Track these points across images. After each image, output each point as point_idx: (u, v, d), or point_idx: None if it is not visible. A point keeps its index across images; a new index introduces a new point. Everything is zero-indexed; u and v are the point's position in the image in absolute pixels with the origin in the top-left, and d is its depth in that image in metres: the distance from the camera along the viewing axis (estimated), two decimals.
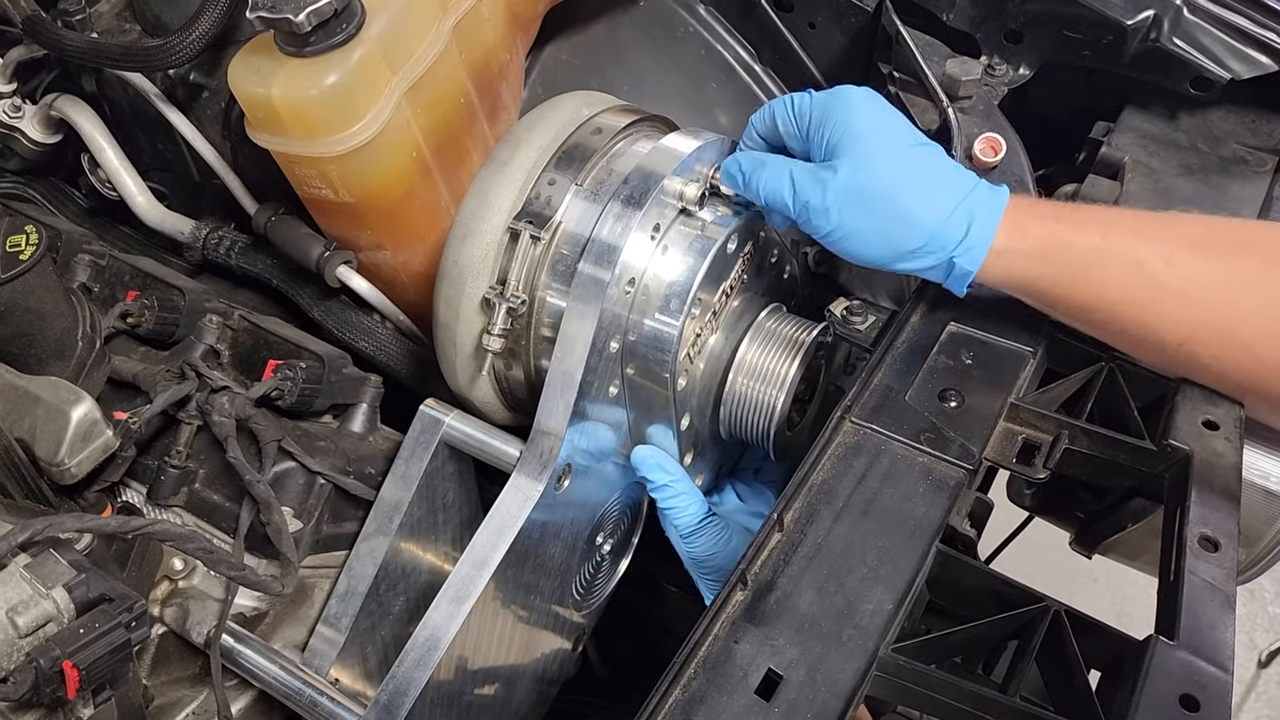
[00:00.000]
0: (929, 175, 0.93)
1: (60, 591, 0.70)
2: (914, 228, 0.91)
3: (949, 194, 0.92)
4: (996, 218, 0.91)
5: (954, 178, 0.93)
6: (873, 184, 0.92)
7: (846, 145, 0.93)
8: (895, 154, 0.92)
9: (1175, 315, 0.87)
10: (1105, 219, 0.91)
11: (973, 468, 0.89)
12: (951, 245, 0.91)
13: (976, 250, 0.91)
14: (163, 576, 0.96)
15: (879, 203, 0.91)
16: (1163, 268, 0.87)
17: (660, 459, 1.04)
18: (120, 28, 1.21)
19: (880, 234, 0.92)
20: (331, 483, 1.00)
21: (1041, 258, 0.90)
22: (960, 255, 0.91)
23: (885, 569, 0.82)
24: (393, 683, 0.90)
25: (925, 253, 0.92)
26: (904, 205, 0.91)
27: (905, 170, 0.92)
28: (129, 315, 1.07)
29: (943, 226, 0.91)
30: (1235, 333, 0.86)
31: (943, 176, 0.93)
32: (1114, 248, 0.88)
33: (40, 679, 0.66)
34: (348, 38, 0.95)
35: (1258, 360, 0.86)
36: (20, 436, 0.88)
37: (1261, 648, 3.00)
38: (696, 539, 1.05)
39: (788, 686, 0.75)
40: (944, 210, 0.91)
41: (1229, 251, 0.87)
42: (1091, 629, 0.81)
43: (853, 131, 0.93)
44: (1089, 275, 0.89)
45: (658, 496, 1.04)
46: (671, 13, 1.44)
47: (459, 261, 0.99)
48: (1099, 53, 1.22)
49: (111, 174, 1.24)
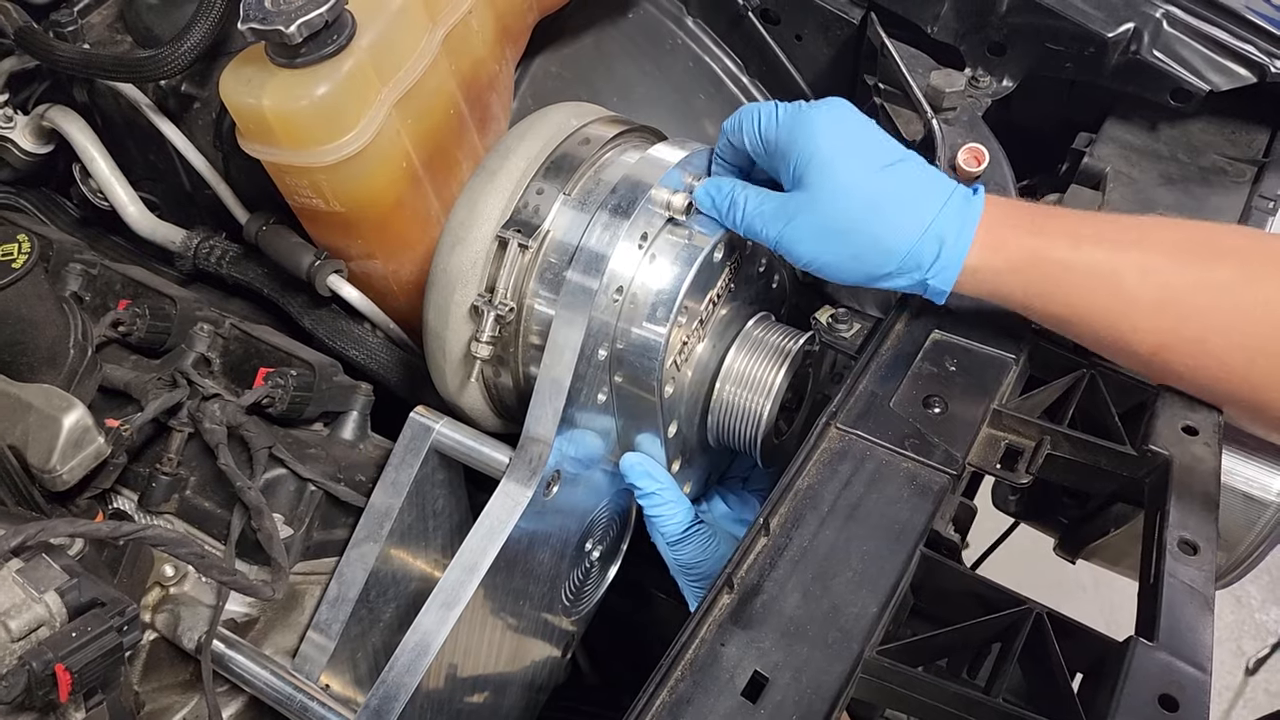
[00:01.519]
0: (897, 198, 0.92)
1: (53, 595, 0.70)
2: (885, 254, 0.92)
3: (919, 215, 0.91)
4: (969, 236, 0.91)
5: (924, 197, 0.92)
6: (840, 217, 0.92)
7: (812, 177, 0.92)
8: (859, 183, 0.92)
9: (1147, 326, 0.88)
10: (1079, 230, 0.91)
11: (956, 473, 0.90)
12: (925, 267, 0.92)
13: (949, 270, 0.91)
14: (154, 583, 0.96)
15: (848, 234, 0.92)
16: (1136, 280, 0.87)
17: (648, 466, 1.05)
18: (112, 39, 1.22)
19: (853, 260, 0.93)
20: (322, 489, 1.01)
21: (1015, 271, 0.91)
22: (933, 276, 0.92)
23: (870, 573, 0.83)
24: (383, 688, 0.91)
25: (899, 275, 0.93)
26: (873, 233, 0.92)
27: (871, 198, 0.92)
28: (120, 324, 1.08)
29: (914, 250, 0.91)
30: (1206, 343, 0.87)
31: (912, 197, 0.92)
32: (1086, 261, 0.89)
33: (33, 681, 0.67)
34: (338, 49, 0.96)
35: (1228, 369, 0.87)
36: (12, 443, 0.88)
37: (1249, 655, 3.02)
38: (683, 546, 1.06)
39: (774, 688, 0.76)
40: (914, 234, 0.91)
41: (1205, 258, 0.88)
42: (1073, 631, 0.82)
43: (817, 162, 0.92)
44: (1062, 289, 0.90)
45: (645, 504, 1.05)
46: (660, 25, 1.46)
47: (448, 269, 1.00)
48: (1081, 65, 1.24)
49: (103, 184, 1.25)
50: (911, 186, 0.94)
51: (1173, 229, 0.93)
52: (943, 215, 0.91)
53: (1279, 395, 0.88)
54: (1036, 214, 0.94)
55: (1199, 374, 0.89)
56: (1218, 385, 0.89)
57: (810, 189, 0.93)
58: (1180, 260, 0.88)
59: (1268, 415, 0.89)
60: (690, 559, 1.06)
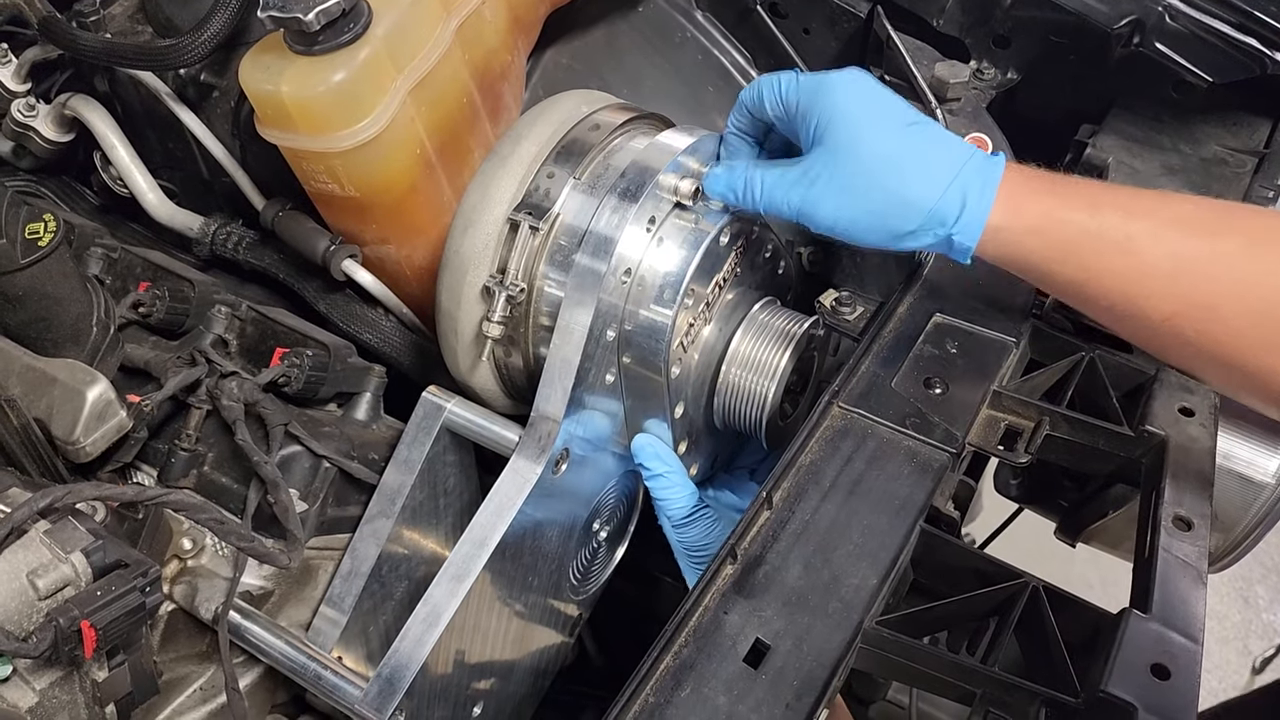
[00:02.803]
0: (920, 155, 0.93)
1: (78, 556, 0.73)
2: (909, 210, 0.92)
3: (941, 172, 0.92)
4: (991, 193, 0.91)
5: (946, 155, 0.93)
6: (863, 173, 0.92)
7: (834, 135, 0.93)
8: (882, 139, 0.93)
9: (1161, 293, 0.89)
10: (1097, 196, 0.92)
11: (956, 451, 0.92)
12: (949, 223, 0.92)
13: (973, 226, 0.92)
14: (172, 555, 0.99)
15: (870, 191, 0.92)
16: (1149, 246, 0.88)
17: (658, 448, 1.07)
18: (133, 29, 1.25)
19: (877, 219, 0.93)
20: (336, 466, 1.03)
21: (1035, 233, 0.91)
22: (958, 232, 0.92)
23: (870, 546, 0.85)
24: (394, 658, 0.93)
25: (923, 233, 0.93)
26: (896, 190, 0.92)
27: (894, 154, 0.93)
28: (140, 305, 1.10)
29: (937, 206, 0.91)
30: (1217, 309, 0.87)
31: (934, 155, 0.93)
32: (1103, 226, 0.90)
33: (59, 637, 0.69)
34: (354, 37, 0.98)
35: (1237, 336, 0.87)
36: (38, 416, 0.91)
37: (1256, 654, 3.03)
38: (688, 529, 1.08)
39: (775, 655, 0.78)
40: (937, 189, 0.91)
41: (1214, 231, 0.89)
42: (1068, 603, 0.84)
43: (839, 119, 0.93)
44: (1079, 252, 0.90)
45: (652, 485, 1.07)
46: (669, 18, 1.48)
47: (460, 251, 1.02)
48: (1084, 57, 1.26)
49: (123, 171, 1.28)
50: (934, 144, 0.94)
51: (1186, 202, 0.95)
52: (966, 171, 0.92)
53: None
54: (1055, 179, 0.94)
55: (1205, 340, 0.89)
56: (1224, 352, 0.89)
57: (832, 148, 0.93)
58: (1192, 231, 0.89)
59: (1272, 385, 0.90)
60: (694, 541, 1.08)
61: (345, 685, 0.93)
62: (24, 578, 0.72)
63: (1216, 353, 0.90)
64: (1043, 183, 0.94)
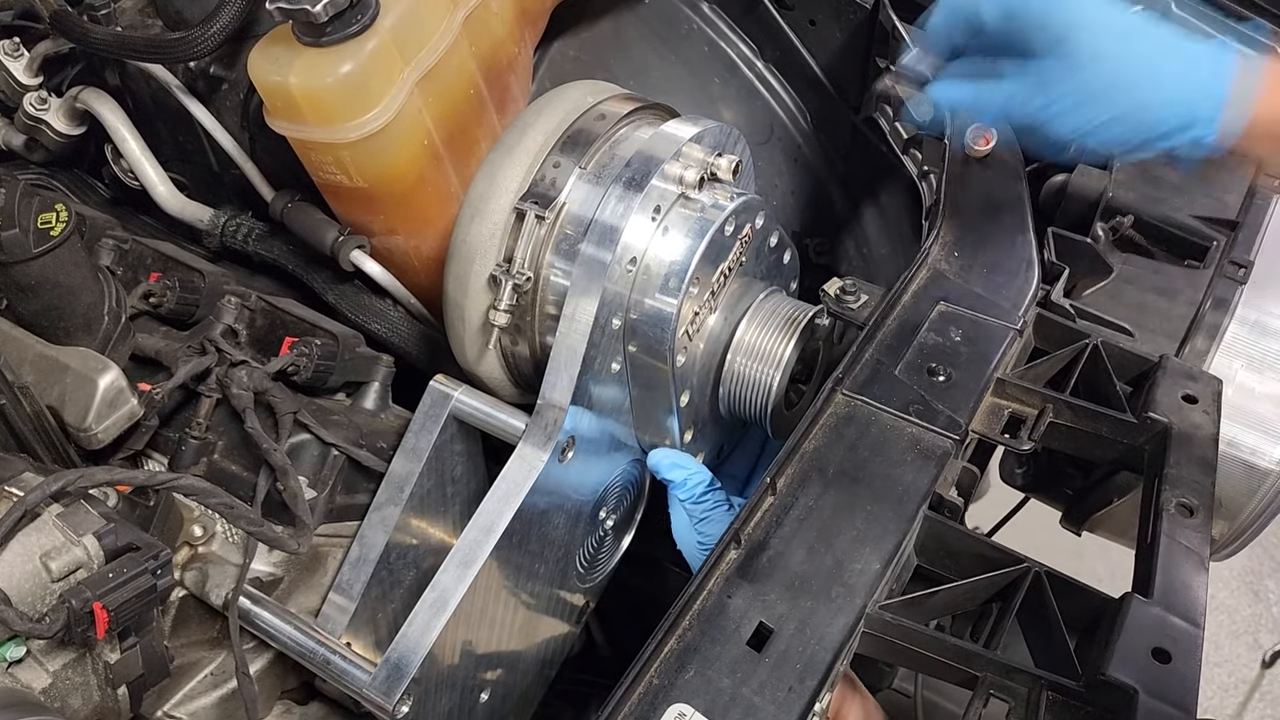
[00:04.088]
0: (1176, 56, 0.90)
1: (90, 539, 0.74)
2: (1163, 113, 0.89)
3: (1198, 74, 0.89)
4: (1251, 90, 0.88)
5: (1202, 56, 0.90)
6: (1116, 76, 0.90)
7: (1078, 36, 0.90)
8: (1136, 38, 0.90)
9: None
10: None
11: (959, 438, 0.92)
12: (1206, 128, 0.89)
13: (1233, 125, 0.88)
14: (183, 542, 1.00)
15: (1123, 94, 0.90)
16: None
17: (676, 458, 1.08)
18: (143, 22, 1.26)
19: (1124, 124, 0.90)
20: (345, 454, 1.04)
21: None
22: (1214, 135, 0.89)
23: (873, 531, 0.86)
24: (402, 642, 0.94)
25: (1175, 134, 0.90)
26: (1151, 93, 0.89)
27: (1151, 55, 0.90)
28: (151, 295, 1.12)
29: (1195, 110, 0.88)
30: None
31: (1191, 55, 0.90)
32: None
33: (72, 618, 0.70)
34: (362, 29, 0.99)
35: None
36: (50, 403, 0.92)
37: (1266, 648, 3.02)
38: (707, 522, 1.09)
39: (778, 639, 0.79)
40: (1195, 90, 0.89)
41: None
42: (1071, 589, 0.84)
43: (1084, 20, 0.90)
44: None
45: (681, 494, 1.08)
46: (676, 10, 1.49)
47: (468, 240, 1.03)
48: None
49: (134, 164, 1.29)
50: (1188, 46, 0.92)
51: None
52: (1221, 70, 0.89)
53: None
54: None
55: None
56: None
57: (1074, 52, 0.90)
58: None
59: None
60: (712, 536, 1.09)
61: (354, 670, 0.94)
62: (37, 560, 0.73)
63: None
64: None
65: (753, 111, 1.51)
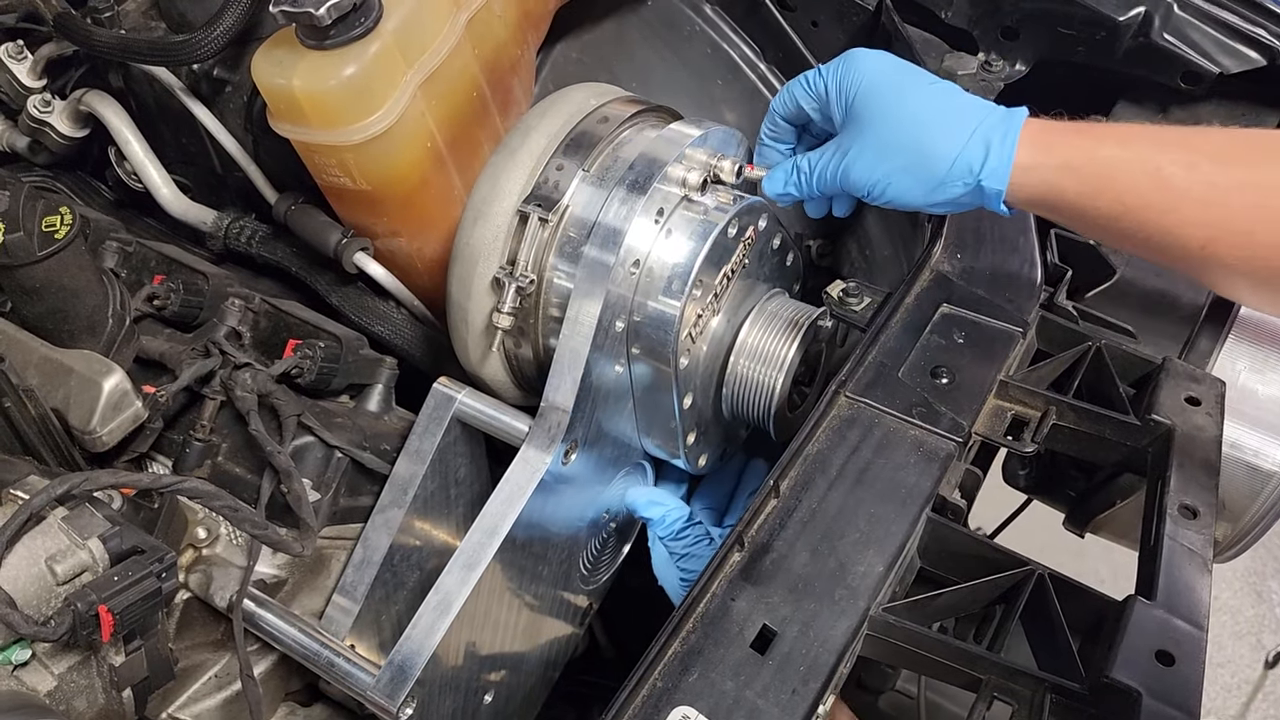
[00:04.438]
0: (942, 110, 0.97)
1: (95, 542, 0.74)
2: (936, 162, 0.95)
3: (964, 122, 0.95)
4: (1014, 138, 0.94)
5: (968, 108, 0.97)
6: (891, 133, 0.97)
7: (861, 103, 0.99)
8: (907, 98, 0.98)
9: (1196, 219, 0.88)
10: (1125, 131, 0.94)
11: (962, 440, 0.92)
12: (975, 169, 0.94)
13: (1001, 167, 0.94)
14: (187, 545, 1.00)
15: (900, 148, 0.97)
16: (1183, 174, 0.89)
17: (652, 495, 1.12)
18: (147, 25, 1.26)
19: (909, 174, 0.97)
20: (349, 456, 1.04)
21: (1067, 168, 0.93)
22: (985, 177, 0.94)
23: (877, 534, 0.86)
24: (405, 644, 0.94)
25: (952, 181, 0.95)
26: (923, 143, 0.96)
27: (918, 111, 0.97)
28: (155, 298, 1.12)
29: (962, 154, 0.94)
30: (1257, 234, 0.87)
31: (956, 108, 0.97)
32: (1135, 155, 0.90)
33: (77, 622, 0.70)
34: (365, 31, 0.99)
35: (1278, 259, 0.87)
36: (55, 406, 0.92)
37: (1269, 649, 3.02)
38: (687, 557, 1.11)
39: (782, 641, 0.79)
40: (961, 138, 0.95)
41: (1249, 158, 0.89)
42: (1074, 591, 0.84)
43: (865, 88, 0.99)
44: (1113, 183, 0.91)
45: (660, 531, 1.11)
46: (678, 12, 1.49)
47: (471, 243, 1.03)
48: (1092, 49, 1.26)
49: (137, 166, 1.29)
50: (955, 101, 0.99)
51: (1215, 134, 0.96)
52: (988, 121, 0.95)
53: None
54: (1080, 123, 0.96)
55: (1251, 264, 0.89)
56: (1269, 279, 0.89)
57: (861, 116, 0.99)
58: (1226, 159, 0.89)
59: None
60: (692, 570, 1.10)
61: (357, 672, 0.94)
62: (42, 563, 0.73)
63: (1261, 276, 0.89)
64: (1069, 125, 0.96)
65: (755, 113, 1.51)
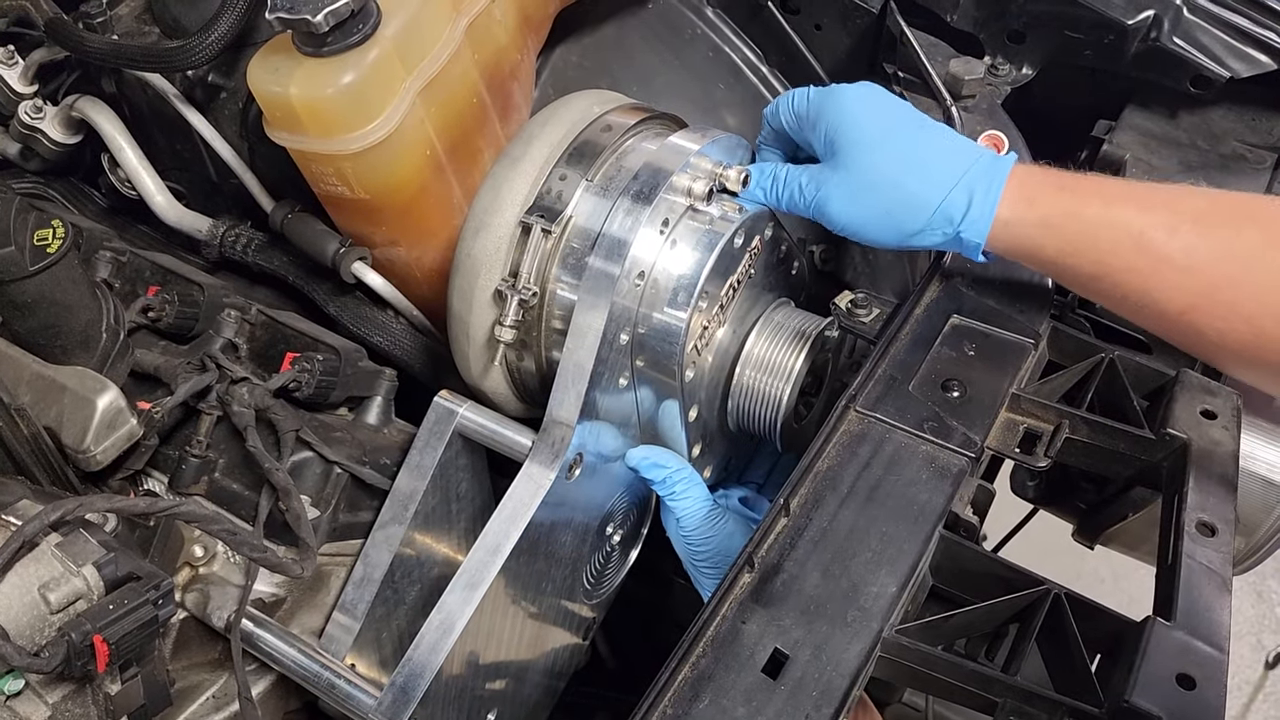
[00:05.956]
0: (927, 154, 0.96)
1: (90, 569, 0.72)
2: (916, 209, 0.95)
3: (949, 169, 0.95)
4: (997, 190, 0.93)
5: (953, 155, 0.96)
6: (871, 172, 0.96)
7: (843, 138, 0.97)
8: (891, 138, 0.96)
9: (1176, 285, 0.88)
10: (1109, 189, 0.94)
11: (975, 455, 0.91)
12: (956, 220, 0.94)
13: (981, 221, 0.93)
14: (184, 563, 0.98)
15: (879, 190, 0.96)
16: (1164, 239, 0.88)
17: (655, 456, 1.05)
18: (140, 30, 1.24)
19: (886, 217, 0.96)
20: (348, 472, 1.03)
21: (1047, 226, 0.92)
22: (965, 229, 0.94)
23: (889, 553, 0.84)
24: (408, 666, 0.92)
25: (931, 230, 0.95)
26: (903, 188, 0.95)
27: (902, 152, 0.96)
28: (150, 310, 1.10)
29: (944, 204, 0.94)
30: (1237, 305, 0.87)
31: (942, 153, 0.96)
32: (1117, 218, 0.90)
33: (71, 652, 0.68)
34: (364, 38, 0.97)
35: (1258, 332, 0.86)
36: (48, 424, 0.90)
37: (1269, 649, 3.01)
38: (698, 528, 1.06)
39: (794, 665, 0.77)
40: (945, 186, 0.94)
41: (1231, 225, 0.88)
42: (1091, 611, 0.82)
43: (847, 124, 0.97)
44: (1094, 245, 0.91)
45: (660, 490, 1.06)
46: (680, 15, 1.47)
47: (472, 254, 1.01)
48: (1100, 52, 1.24)
49: (131, 173, 1.27)
50: (941, 144, 0.97)
51: (1201, 197, 0.94)
52: (974, 170, 0.94)
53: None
54: (1066, 175, 0.95)
55: (1228, 336, 0.88)
56: (1246, 348, 0.88)
57: (842, 151, 0.98)
58: (1208, 226, 0.88)
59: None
60: (703, 539, 1.06)
61: (359, 695, 0.92)
62: (36, 592, 0.71)
63: (1237, 350, 0.89)
64: (1053, 178, 0.95)
65: (758, 117, 1.47)
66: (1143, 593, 0.87)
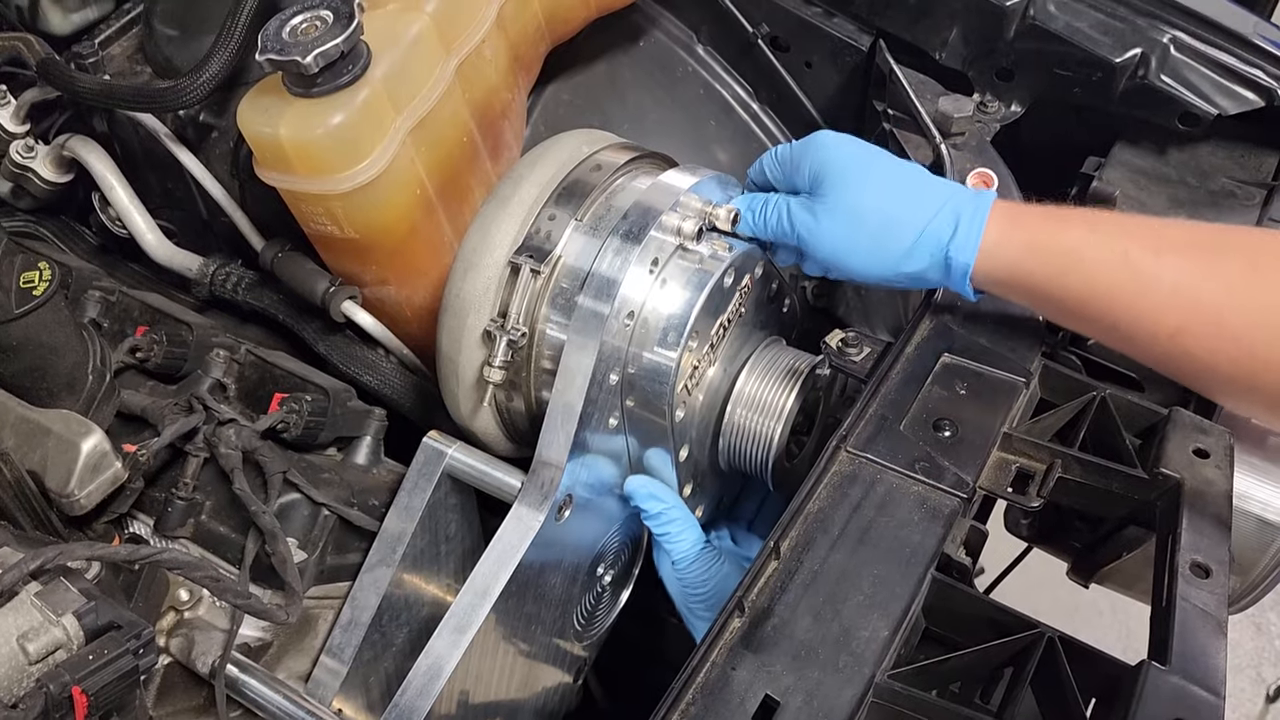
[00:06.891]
0: (911, 184, 0.98)
1: (70, 619, 0.71)
2: (903, 230, 0.96)
3: (933, 197, 0.96)
4: (983, 214, 0.94)
5: (937, 184, 0.98)
6: (857, 199, 0.97)
7: (827, 172, 0.99)
8: (876, 171, 0.98)
9: (1165, 306, 0.88)
10: (1094, 216, 0.96)
11: (967, 496, 0.90)
12: (944, 240, 0.94)
13: (968, 244, 0.94)
14: (169, 607, 0.97)
15: (867, 215, 0.97)
16: (1151, 259, 0.89)
17: (654, 488, 1.05)
18: (132, 70, 1.25)
19: (874, 243, 0.97)
20: (336, 514, 1.02)
21: (1034, 250, 0.93)
22: (954, 249, 0.94)
23: (881, 596, 0.83)
24: (395, 710, 0.91)
25: (919, 252, 0.95)
26: (892, 211, 0.96)
27: (887, 182, 0.97)
28: (138, 350, 1.09)
29: (931, 225, 0.95)
30: (1226, 324, 0.86)
31: (926, 183, 0.98)
32: (1103, 239, 0.91)
33: (49, 705, 0.67)
34: (353, 79, 0.98)
35: (1249, 353, 0.86)
36: (31, 468, 0.89)
37: (1269, 682, 2.99)
38: (691, 568, 1.06)
39: (785, 713, 0.76)
40: (930, 211, 0.95)
41: (1215, 251, 0.89)
42: (1085, 655, 0.81)
43: (831, 160, 0.99)
44: (1080, 266, 0.91)
45: (653, 525, 1.05)
46: (671, 53, 1.48)
47: (461, 295, 1.01)
48: (1089, 90, 1.25)
49: (121, 212, 1.27)
50: (924, 176, 0.99)
51: (1177, 228, 0.95)
52: (957, 198, 0.96)
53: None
54: (1049, 207, 0.97)
55: (1219, 357, 0.88)
56: (1237, 369, 0.87)
57: (828, 181, 0.99)
58: (1192, 251, 0.89)
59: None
60: (697, 580, 1.06)
61: None
62: (14, 642, 0.70)
63: (1228, 371, 0.89)
64: (1036, 208, 0.97)
65: (749, 153, 1.50)
66: (1141, 626, 0.86)
